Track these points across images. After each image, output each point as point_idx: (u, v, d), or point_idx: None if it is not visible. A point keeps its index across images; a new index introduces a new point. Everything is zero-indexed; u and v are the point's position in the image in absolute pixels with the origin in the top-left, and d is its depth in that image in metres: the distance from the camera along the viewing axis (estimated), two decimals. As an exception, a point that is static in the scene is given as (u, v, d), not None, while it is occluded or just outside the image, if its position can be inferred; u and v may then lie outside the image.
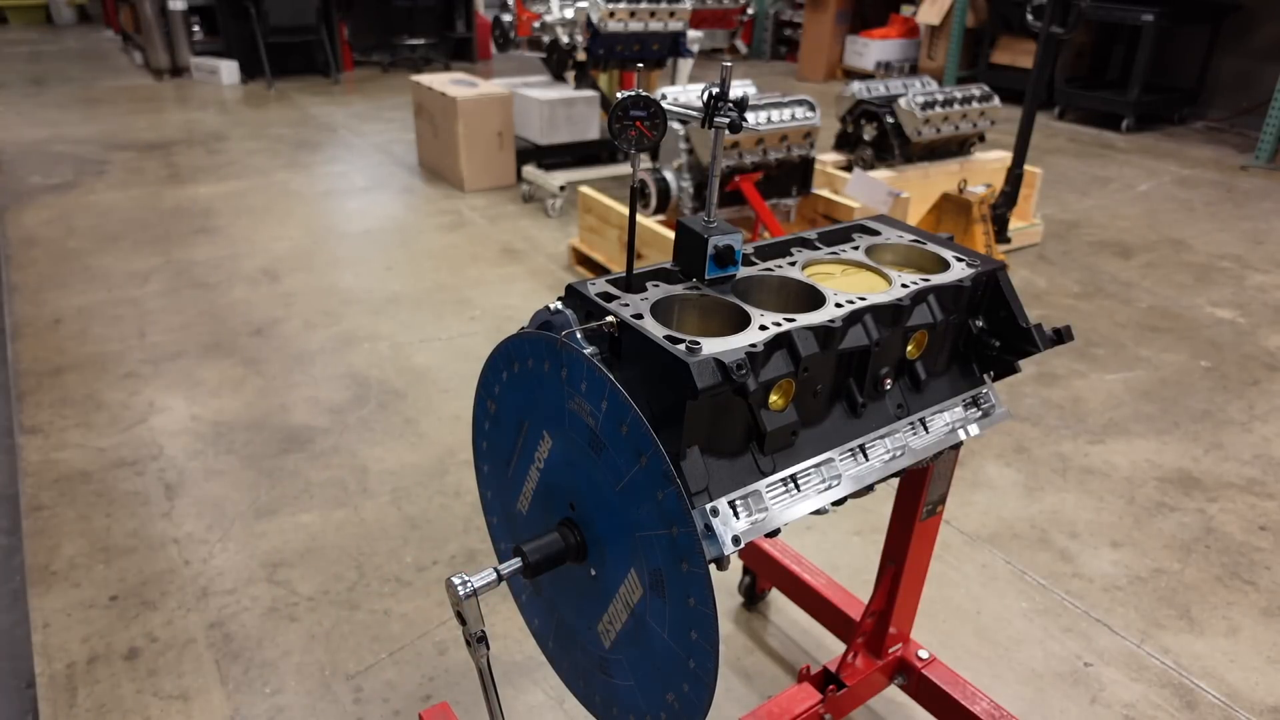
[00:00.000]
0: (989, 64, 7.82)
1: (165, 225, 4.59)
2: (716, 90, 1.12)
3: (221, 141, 6.20)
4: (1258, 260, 4.43)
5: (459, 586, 1.05)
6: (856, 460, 1.20)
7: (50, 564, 2.28)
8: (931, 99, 4.13)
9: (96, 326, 3.50)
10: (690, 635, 0.99)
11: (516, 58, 6.36)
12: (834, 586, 1.94)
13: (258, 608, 2.15)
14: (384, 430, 2.87)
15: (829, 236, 1.43)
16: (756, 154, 3.69)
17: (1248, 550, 2.41)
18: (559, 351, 1.07)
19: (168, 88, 7.94)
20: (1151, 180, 5.72)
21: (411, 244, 4.51)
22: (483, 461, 1.36)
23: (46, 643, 2.04)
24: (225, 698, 1.92)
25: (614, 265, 3.91)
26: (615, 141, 1.09)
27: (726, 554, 1.03)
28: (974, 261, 1.34)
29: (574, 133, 5.24)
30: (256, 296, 3.80)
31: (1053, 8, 3.87)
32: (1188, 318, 3.79)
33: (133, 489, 2.57)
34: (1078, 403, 3.11)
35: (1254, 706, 1.95)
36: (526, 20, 4.92)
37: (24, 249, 4.24)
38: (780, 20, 9.87)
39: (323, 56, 8.28)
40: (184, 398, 3.03)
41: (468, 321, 3.65)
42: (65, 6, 11.74)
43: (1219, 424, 3.00)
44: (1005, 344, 1.34)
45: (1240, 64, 6.98)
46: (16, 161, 5.57)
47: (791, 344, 1.09)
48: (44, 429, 2.84)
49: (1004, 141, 4.61)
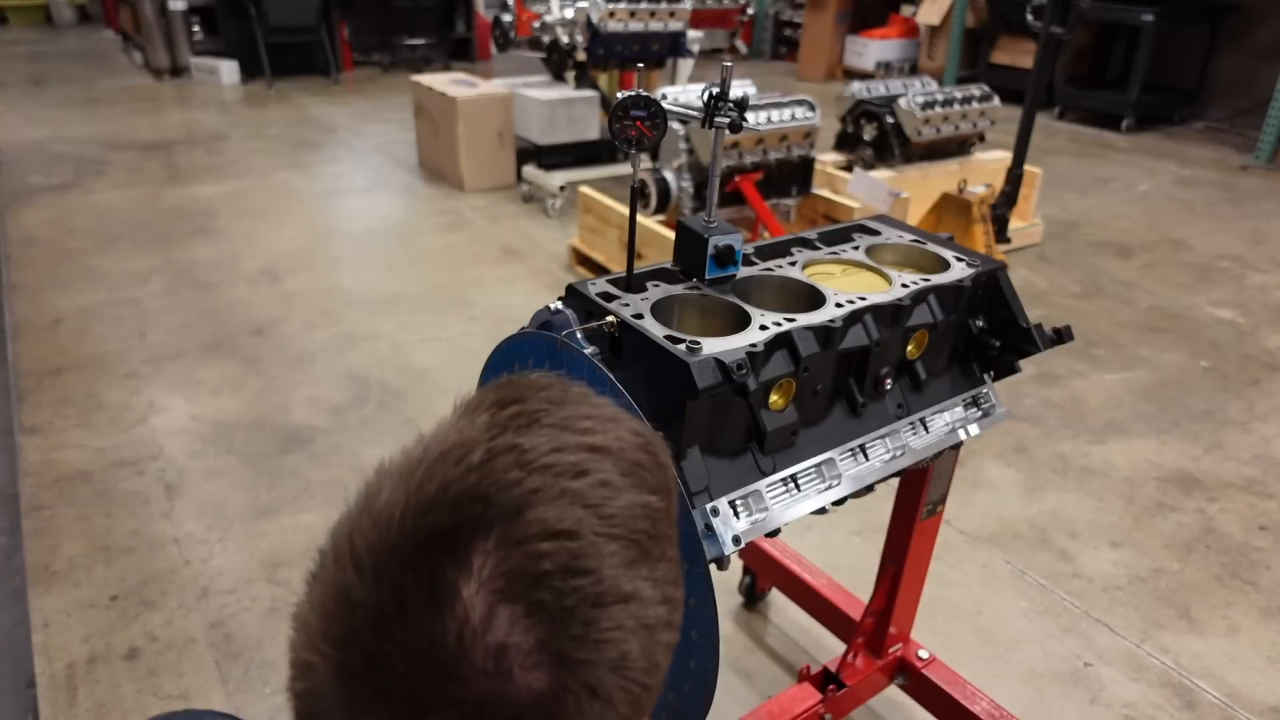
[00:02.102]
0: (989, 64, 7.81)
1: (165, 225, 4.59)
2: (716, 90, 1.12)
3: (221, 141, 6.20)
4: (1258, 260, 4.43)
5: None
6: (856, 460, 1.20)
7: (50, 564, 2.28)
8: (931, 99, 4.13)
9: (96, 326, 3.50)
10: (691, 635, 0.99)
11: (516, 58, 6.36)
12: (834, 586, 1.94)
13: (258, 608, 2.15)
14: (384, 430, 2.87)
15: (829, 236, 1.42)
16: (756, 154, 3.69)
17: (1248, 550, 2.41)
18: (559, 351, 1.07)
19: (168, 88, 7.94)
20: (1151, 180, 5.72)
21: (411, 244, 4.51)
22: (483, 461, 1.36)
23: (46, 643, 2.04)
24: (225, 698, 1.92)
25: (614, 265, 3.91)
26: (615, 141, 1.09)
27: (727, 554, 1.03)
28: (974, 261, 1.34)
29: (574, 133, 5.24)
30: (256, 296, 3.80)
31: (1053, 8, 3.87)
32: (1188, 318, 3.79)
33: (133, 489, 2.57)
34: (1078, 403, 3.11)
35: (1254, 706, 1.95)
36: (526, 20, 4.91)
37: (24, 249, 4.24)
38: (780, 20, 9.87)
39: (323, 56, 8.28)
40: (184, 398, 3.03)
41: (468, 321, 3.65)
42: (65, 6, 11.73)
43: (1219, 424, 3.00)
44: (1005, 344, 1.34)
45: (1240, 64, 6.98)
46: (16, 161, 5.57)
47: (792, 344, 1.09)
48: (44, 429, 2.83)
49: (1004, 141, 4.61)
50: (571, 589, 0.48)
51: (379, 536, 0.49)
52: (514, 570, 0.47)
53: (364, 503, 0.52)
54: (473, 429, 0.53)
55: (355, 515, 0.51)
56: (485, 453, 0.51)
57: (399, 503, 0.49)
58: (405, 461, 0.53)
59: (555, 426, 0.54)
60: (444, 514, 0.49)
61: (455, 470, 0.50)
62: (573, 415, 0.56)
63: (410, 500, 0.49)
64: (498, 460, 0.51)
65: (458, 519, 0.48)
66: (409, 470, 0.51)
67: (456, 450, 0.51)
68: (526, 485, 0.50)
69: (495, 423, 0.54)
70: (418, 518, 0.49)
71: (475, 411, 0.56)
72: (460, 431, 0.54)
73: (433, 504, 0.49)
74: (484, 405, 0.56)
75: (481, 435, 0.53)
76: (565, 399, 0.57)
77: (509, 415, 0.54)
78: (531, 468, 0.51)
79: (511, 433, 0.53)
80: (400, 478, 0.51)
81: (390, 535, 0.49)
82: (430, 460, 0.51)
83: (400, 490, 0.50)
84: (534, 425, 0.54)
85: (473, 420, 0.55)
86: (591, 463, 0.53)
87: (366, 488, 0.53)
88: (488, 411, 0.55)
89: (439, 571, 0.47)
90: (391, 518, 0.49)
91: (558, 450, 0.52)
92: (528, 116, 5.20)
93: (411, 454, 0.53)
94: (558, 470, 0.51)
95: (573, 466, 0.52)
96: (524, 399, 0.56)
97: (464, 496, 0.49)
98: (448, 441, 0.53)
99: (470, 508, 0.49)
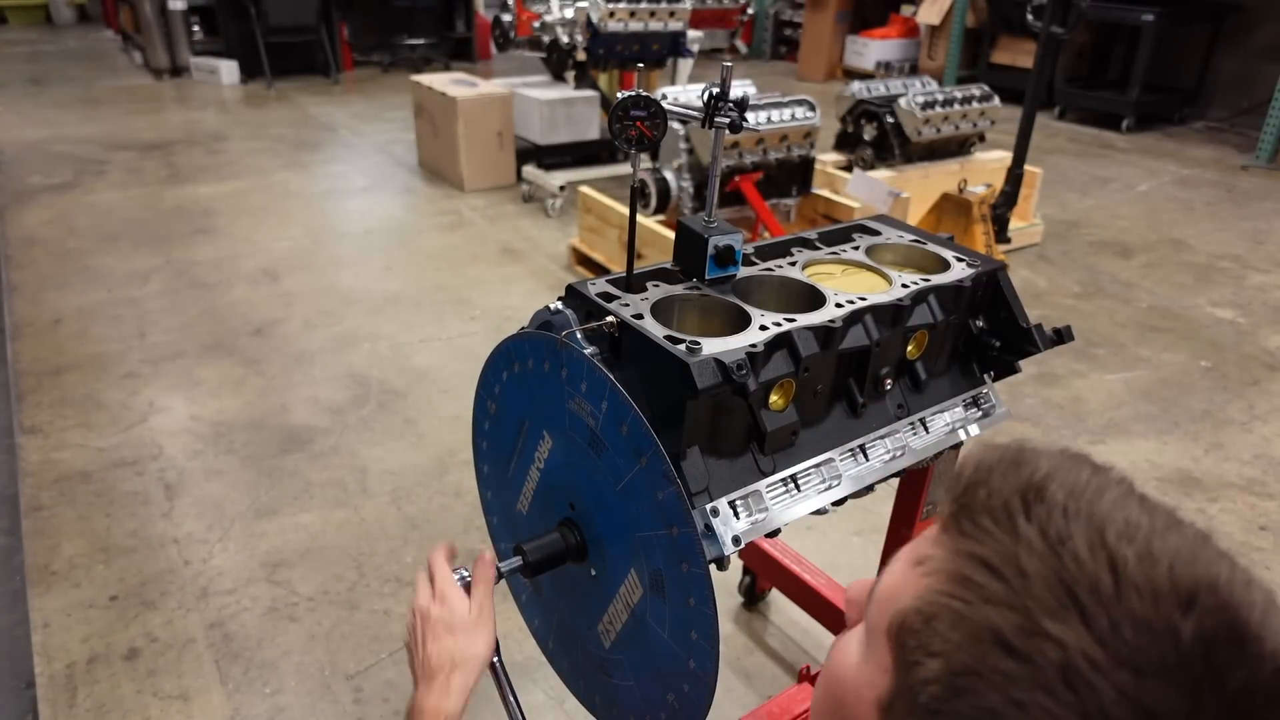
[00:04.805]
0: (989, 64, 7.81)
1: (165, 225, 4.59)
2: (716, 90, 1.12)
3: (221, 141, 6.20)
4: (1258, 260, 4.43)
5: (459, 583, 1.05)
6: (856, 460, 1.20)
7: (50, 564, 2.28)
8: (931, 99, 4.13)
9: (96, 326, 3.50)
10: (690, 635, 0.99)
11: (516, 58, 6.36)
12: (834, 586, 1.94)
13: (258, 608, 2.15)
14: (384, 430, 2.87)
15: (829, 236, 1.42)
16: (756, 154, 3.69)
17: (1248, 550, 2.41)
18: (559, 351, 1.07)
19: (167, 88, 7.94)
20: (1151, 180, 5.72)
21: (411, 244, 4.51)
22: (483, 462, 1.36)
23: (46, 643, 2.04)
24: (225, 698, 1.91)
25: (614, 265, 3.91)
26: (615, 141, 1.09)
27: (727, 554, 1.03)
28: (974, 261, 1.34)
29: (574, 133, 5.24)
30: (256, 296, 3.80)
31: (1053, 8, 3.86)
32: (1188, 318, 3.79)
33: (132, 489, 2.56)
34: (1078, 403, 3.11)
35: (1254, 706, 1.94)
36: (526, 20, 4.91)
37: (24, 249, 4.24)
38: (780, 20, 9.86)
39: (323, 56, 8.27)
40: (184, 398, 3.03)
41: (468, 321, 3.65)
42: (65, 6, 11.72)
43: (1219, 424, 3.00)
44: (1005, 344, 1.34)
45: (1240, 64, 6.98)
46: (16, 161, 5.56)
47: (792, 344, 1.09)
48: (44, 429, 2.83)
49: (1004, 141, 4.61)
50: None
51: (1155, 683, 0.41)
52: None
53: (1061, 668, 0.43)
54: (1064, 528, 0.46)
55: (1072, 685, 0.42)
56: (1128, 545, 0.45)
57: (1118, 638, 0.42)
58: (1050, 599, 0.44)
59: (1092, 492, 0.48)
60: (1187, 621, 0.42)
61: (1132, 576, 0.43)
62: (1153, 511, 0.48)
63: (1130, 626, 0.42)
64: (1150, 547, 0.45)
65: (1205, 617, 0.42)
66: (1072, 600, 0.43)
67: (1096, 557, 0.44)
68: (1182, 556, 0.44)
69: (1068, 511, 0.47)
70: (1167, 638, 0.42)
71: (1017, 513, 0.47)
72: (1061, 539, 0.45)
73: (1166, 616, 0.42)
74: (1015, 501, 0.48)
75: (1086, 530, 0.46)
76: (1054, 463, 0.50)
77: (1063, 495, 0.47)
78: (1160, 536, 0.45)
79: (1099, 515, 0.46)
80: (1069, 612, 0.43)
81: (1152, 665, 0.42)
82: (1088, 583, 0.44)
83: (1095, 624, 0.43)
84: (1093, 498, 0.47)
85: (1037, 522, 0.46)
86: (1148, 505, 0.48)
87: (1010, 650, 0.44)
88: (1034, 503, 0.47)
89: (1230, 674, 0.42)
90: (1131, 651, 0.42)
91: (1139, 508, 0.47)
92: (528, 116, 5.20)
93: (1037, 589, 0.44)
94: (1163, 524, 0.46)
95: (1166, 515, 0.47)
96: (1045, 476, 0.49)
97: (1187, 594, 0.43)
98: (1069, 554, 0.45)
99: (1204, 600, 0.43)
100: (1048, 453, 0.51)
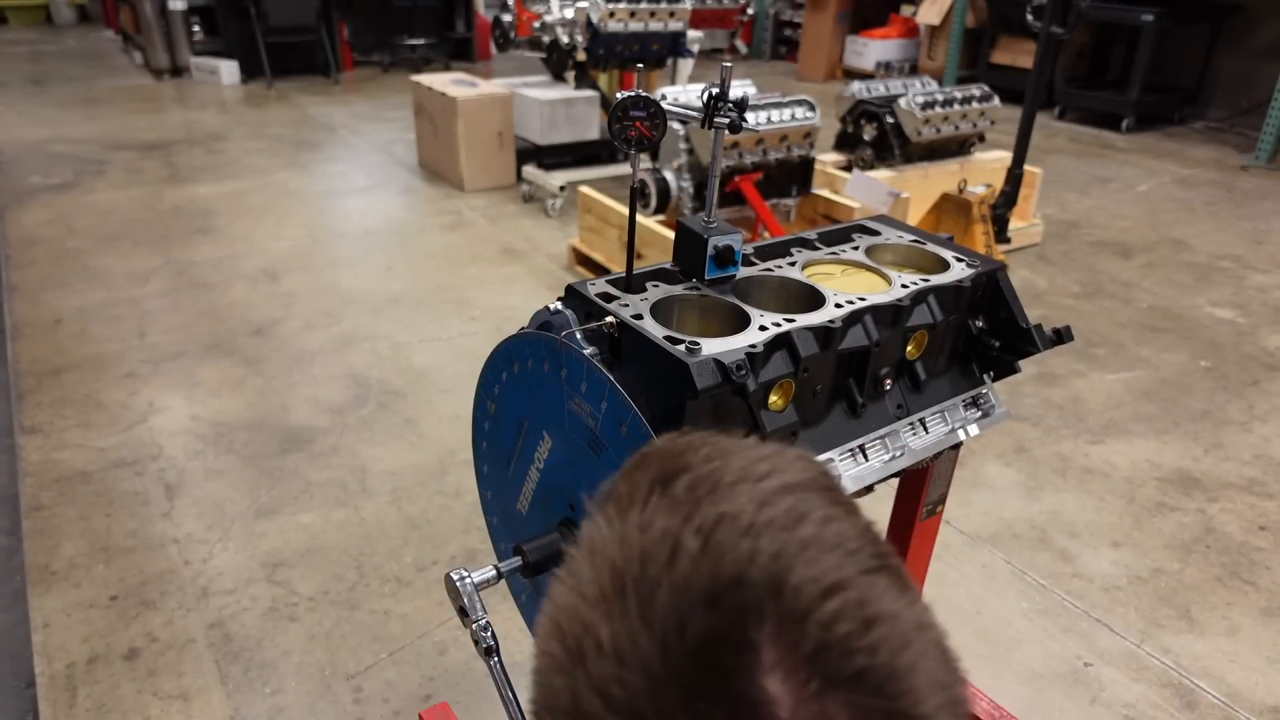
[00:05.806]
0: (989, 64, 7.81)
1: (165, 225, 4.59)
2: (716, 90, 1.12)
3: (221, 141, 6.20)
4: (1258, 260, 4.43)
5: (458, 581, 1.05)
6: (856, 461, 1.20)
7: (50, 564, 2.28)
8: (931, 99, 4.13)
9: (96, 326, 3.50)
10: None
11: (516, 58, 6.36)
12: (834, 586, 1.93)
13: (258, 608, 2.15)
14: (384, 430, 2.87)
15: (829, 236, 1.42)
16: (756, 154, 3.69)
17: (1248, 550, 2.41)
18: (559, 352, 1.07)
19: (168, 88, 7.94)
20: (1151, 180, 5.72)
21: (411, 244, 4.51)
22: (482, 462, 1.36)
23: (46, 643, 2.04)
24: (225, 698, 1.92)
25: (614, 265, 3.91)
26: (615, 141, 1.09)
27: (726, 554, 1.03)
28: (974, 262, 1.34)
29: (574, 133, 5.24)
30: (256, 296, 3.80)
31: (1053, 8, 3.86)
32: (1188, 318, 3.79)
33: (133, 489, 2.57)
34: (1078, 403, 3.11)
35: (1254, 706, 1.95)
36: (526, 20, 4.91)
37: (24, 249, 4.24)
38: (780, 20, 9.86)
39: (323, 56, 8.28)
40: (184, 398, 3.03)
41: (468, 321, 3.65)
42: (65, 6, 11.73)
43: (1219, 424, 3.00)
44: (1005, 344, 1.34)
45: (1240, 64, 6.97)
46: (16, 161, 5.57)
47: (791, 344, 1.09)
48: (44, 429, 2.83)
49: (1004, 141, 4.61)
50: (878, 642, 0.41)
51: (641, 678, 0.40)
52: (814, 648, 0.40)
53: (576, 653, 0.43)
54: (655, 518, 0.45)
55: (578, 672, 0.42)
56: (697, 536, 0.43)
57: (635, 631, 0.41)
58: (597, 588, 0.44)
59: (740, 480, 0.46)
60: (702, 619, 0.40)
61: (680, 569, 0.42)
62: (747, 462, 0.48)
63: (649, 621, 0.41)
64: (716, 538, 0.43)
65: (720, 619, 0.40)
66: (617, 592, 0.43)
67: (660, 548, 0.43)
68: (765, 551, 0.42)
69: (676, 502, 0.45)
70: (674, 636, 0.40)
71: (637, 501, 0.47)
72: (643, 528, 0.45)
73: (682, 614, 0.41)
74: (642, 490, 0.47)
75: (675, 521, 0.44)
76: (724, 449, 0.49)
77: (685, 488, 0.46)
78: (755, 532, 0.43)
79: (705, 504, 0.45)
80: (610, 604, 0.43)
81: (653, 668, 0.40)
82: (636, 573, 0.43)
83: (624, 617, 0.42)
84: (719, 487, 0.46)
85: (643, 511, 0.46)
86: (800, 503, 0.45)
87: (561, 636, 0.44)
88: (655, 494, 0.46)
89: (732, 683, 0.39)
90: (640, 649, 0.41)
91: (764, 503, 0.44)
92: (528, 116, 5.20)
93: (600, 577, 0.44)
94: (780, 523, 0.44)
95: (789, 513, 0.44)
96: (686, 466, 0.48)
97: (712, 591, 0.41)
98: (640, 544, 0.44)
99: (728, 599, 0.41)
100: (721, 446, 0.50)
